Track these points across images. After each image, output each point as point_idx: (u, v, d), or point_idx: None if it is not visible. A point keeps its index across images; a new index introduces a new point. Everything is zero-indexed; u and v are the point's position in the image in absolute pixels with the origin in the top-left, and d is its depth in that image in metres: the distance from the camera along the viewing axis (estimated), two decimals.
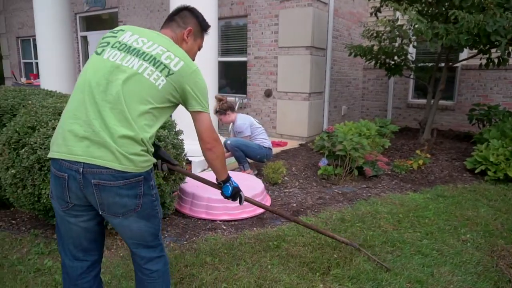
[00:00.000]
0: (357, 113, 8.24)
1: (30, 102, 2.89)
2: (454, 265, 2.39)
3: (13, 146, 2.40)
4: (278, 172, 3.92)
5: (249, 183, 3.48)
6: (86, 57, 9.75)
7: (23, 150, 2.33)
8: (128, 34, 1.53)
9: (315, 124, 6.45)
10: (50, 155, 1.40)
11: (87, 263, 1.53)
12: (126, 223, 1.44)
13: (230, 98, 6.82)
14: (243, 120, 4.17)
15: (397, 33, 5.03)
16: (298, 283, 2.17)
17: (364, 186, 4.00)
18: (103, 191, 1.35)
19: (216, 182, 1.89)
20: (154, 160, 1.51)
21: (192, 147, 4.40)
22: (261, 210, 3.25)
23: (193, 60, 1.72)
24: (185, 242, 2.69)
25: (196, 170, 4.21)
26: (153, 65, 1.44)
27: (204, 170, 4.32)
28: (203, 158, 4.33)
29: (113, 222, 1.45)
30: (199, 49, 1.78)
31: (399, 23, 5.22)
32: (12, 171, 2.38)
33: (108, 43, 1.50)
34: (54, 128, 2.31)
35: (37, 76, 9.69)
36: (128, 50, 1.46)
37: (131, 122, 1.36)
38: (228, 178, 1.80)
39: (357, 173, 4.06)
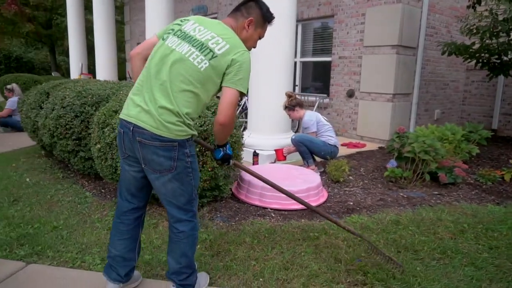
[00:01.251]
0: (455, 118, 7.44)
1: (121, 92, 3.46)
2: (509, 284, 2.11)
3: (100, 125, 2.95)
4: (340, 169, 3.88)
5: (306, 177, 3.54)
6: None
7: (106, 128, 2.84)
8: (190, 23, 1.78)
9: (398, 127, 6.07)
10: (119, 116, 1.77)
11: (133, 205, 1.87)
12: (162, 180, 1.71)
13: (311, 98, 6.88)
14: (310, 117, 4.22)
15: (492, 28, 4.45)
16: (325, 272, 2.19)
17: (436, 193, 3.68)
18: (144, 148, 1.65)
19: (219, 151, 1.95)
20: (193, 132, 1.72)
21: (259, 141, 4.67)
22: (312, 204, 3.29)
23: (254, 46, 1.92)
24: (233, 223, 2.91)
25: (263, 162, 4.41)
26: (200, 50, 1.67)
27: (272, 162, 4.49)
28: (270, 152, 4.50)
29: (151, 177, 1.73)
30: (259, 38, 1.94)
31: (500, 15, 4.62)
32: (98, 146, 2.91)
33: (173, 30, 1.78)
34: None
35: None
36: (184, 38, 1.72)
37: (171, 97, 1.63)
38: (224, 145, 1.90)
39: (428, 178, 3.76)
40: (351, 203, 3.42)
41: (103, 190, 3.55)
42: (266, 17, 1.88)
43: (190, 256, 1.85)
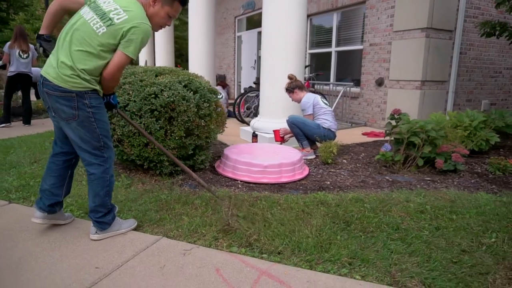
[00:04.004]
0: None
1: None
2: (429, 259, 1.96)
3: None
4: (328, 151, 3.82)
5: (285, 154, 3.59)
6: (240, 53, 11.24)
7: None
8: None
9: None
10: None
11: (62, 149, 2.19)
12: (69, 127, 2.01)
13: (339, 88, 6.72)
14: (307, 99, 4.20)
15: None
16: (244, 230, 2.27)
17: (429, 179, 3.42)
18: (49, 98, 1.97)
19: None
20: (93, 86, 1.98)
21: (265, 125, 4.83)
22: (284, 180, 3.33)
23: (167, 24, 2.17)
24: (197, 189, 3.10)
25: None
26: (100, 17, 1.97)
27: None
28: (270, 136, 4.60)
29: (61, 124, 2.04)
30: (170, 17, 2.16)
31: None
32: None
33: (90, 1, 2.07)
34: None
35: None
36: (93, 8, 2.02)
37: (69, 54, 1.93)
38: (109, 95, 2.16)
39: (421, 163, 3.50)
40: (328, 183, 3.37)
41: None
42: None
43: (102, 196, 2.11)
